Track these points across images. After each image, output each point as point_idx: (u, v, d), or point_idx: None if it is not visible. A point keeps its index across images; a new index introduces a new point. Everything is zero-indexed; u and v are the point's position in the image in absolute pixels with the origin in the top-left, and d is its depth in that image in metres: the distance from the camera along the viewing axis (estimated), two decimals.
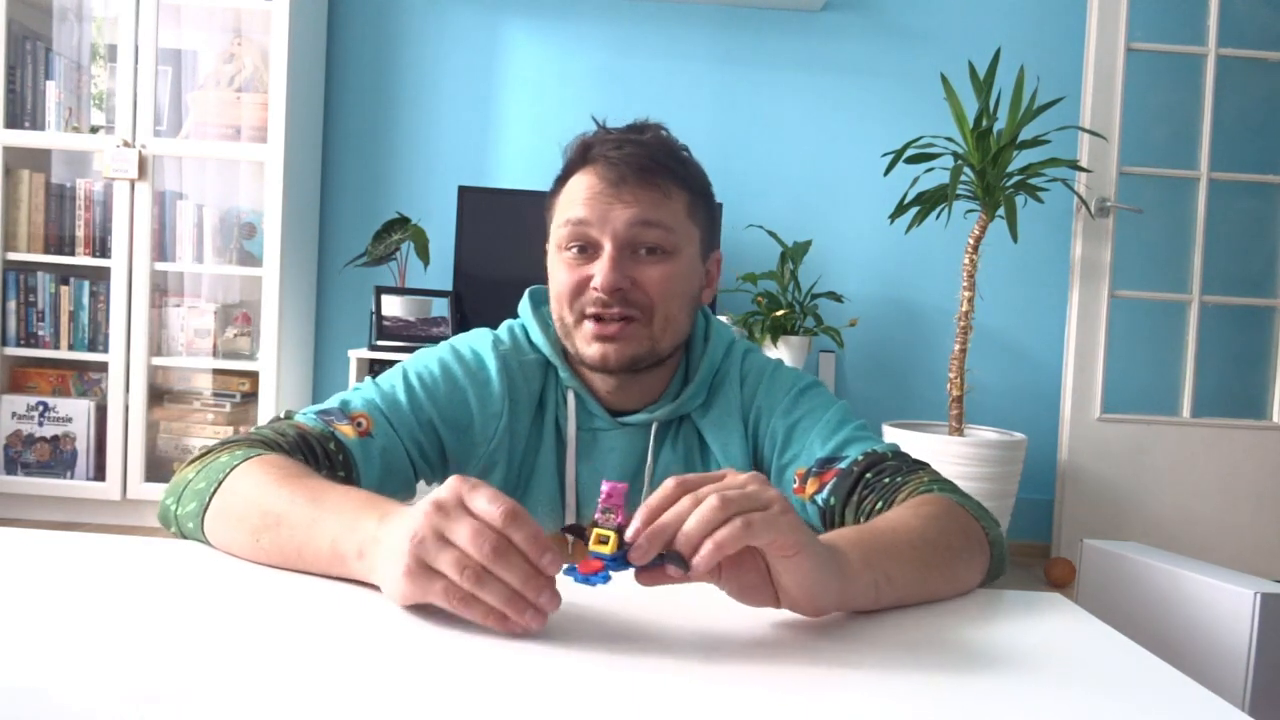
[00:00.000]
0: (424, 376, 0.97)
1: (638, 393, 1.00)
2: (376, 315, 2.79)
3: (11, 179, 2.81)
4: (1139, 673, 0.61)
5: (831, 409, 0.98)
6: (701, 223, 0.98)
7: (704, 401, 1.01)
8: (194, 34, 2.97)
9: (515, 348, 1.01)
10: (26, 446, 2.83)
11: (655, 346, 0.94)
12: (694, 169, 0.98)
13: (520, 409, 0.99)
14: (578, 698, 0.52)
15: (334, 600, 0.65)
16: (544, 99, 3.09)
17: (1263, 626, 1.14)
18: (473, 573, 0.56)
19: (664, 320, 0.93)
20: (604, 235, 0.91)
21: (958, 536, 0.77)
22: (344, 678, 0.52)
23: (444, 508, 0.58)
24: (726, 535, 0.57)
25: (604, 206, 0.91)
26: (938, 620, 0.70)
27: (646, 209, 0.91)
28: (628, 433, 1.00)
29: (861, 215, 3.10)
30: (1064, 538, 2.97)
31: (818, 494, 0.92)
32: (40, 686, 0.49)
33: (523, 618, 0.57)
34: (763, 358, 1.05)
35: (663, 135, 0.97)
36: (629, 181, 0.91)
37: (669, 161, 0.94)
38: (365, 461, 0.89)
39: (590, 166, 0.93)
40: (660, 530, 0.58)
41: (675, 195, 0.94)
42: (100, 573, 0.69)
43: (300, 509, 0.70)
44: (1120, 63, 2.94)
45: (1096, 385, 2.99)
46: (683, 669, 0.56)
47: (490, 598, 0.57)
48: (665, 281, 0.93)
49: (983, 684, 0.57)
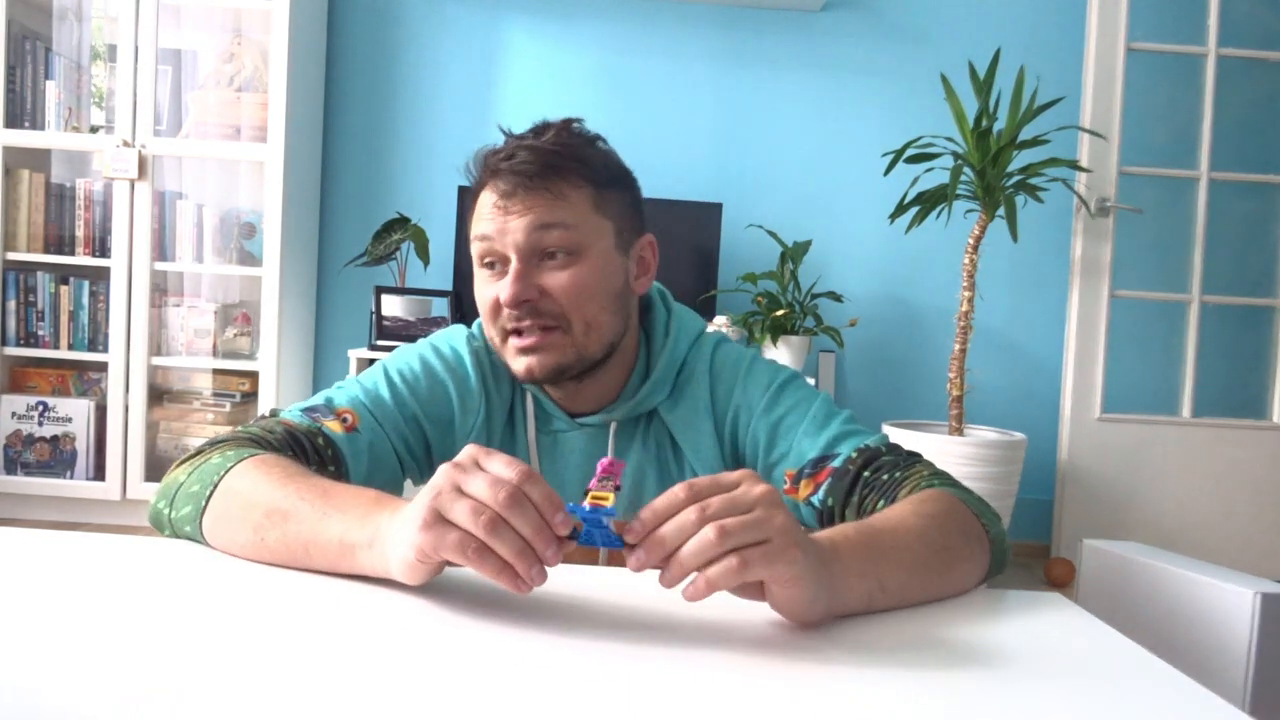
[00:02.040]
0: (405, 373, 0.97)
1: (592, 395, 0.98)
2: (376, 315, 2.79)
3: (11, 179, 2.81)
4: (1139, 672, 0.61)
5: (815, 403, 0.95)
6: (614, 213, 0.94)
7: (670, 397, 0.99)
8: (194, 34, 2.97)
9: (487, 345, 1.00)
10: (26, 446, 2.83)
11: (582, 353, 0.92)
12: (598, 160, 0.93)
13: (494, 406, 0.99)
14: (577, 697, 0.52)
15: (335, 599, 0.65)
16: (544, 99, 3.09)
17: (1263, 626, 1.14)
18: (488, 519, 0.57)
19: (584, 325, 0.91)
20: (507, 249, 0.89)
21: (958, 537, 0.77)
22: (345, 676, 0.53)
23: (462, 465, 0.61)
24: (719, 573, 0.57)
25: (502, 220, 0.89)
26: (937, 619, 0.70)
27: (541, 214, 0.89)
28: (587, 434, 0.99)
29: (861, 215, 3.10)
30: (1064, 538, 2.97)
31: (813, 496, 0.91)
32: (40, 686, 0.49)
33: (530, 572, 0.58)
34: (735, 351, 1.01)
35: (568, 131, 0.93)
36: (521, 191, 0.89)
37: (562, 161, 0.90)
38: (353, 456, 0.90)
39: (489, 181, 0.92)
40: (659, 545, 0.58)
41: (573, 194, 0.90)
42: (100, 573, 0.69)
43: (309, 505, 0.70)
44: (1120, 63, 2.94)
45: (1096, 385, 2.99)
46: (678, 665, 0.56)
47: (503, 547, 0.57)
48: (574, 285, 0.90)
49: (982, 684, 0.57)
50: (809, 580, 0.60)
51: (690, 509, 0.58)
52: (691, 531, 0.58)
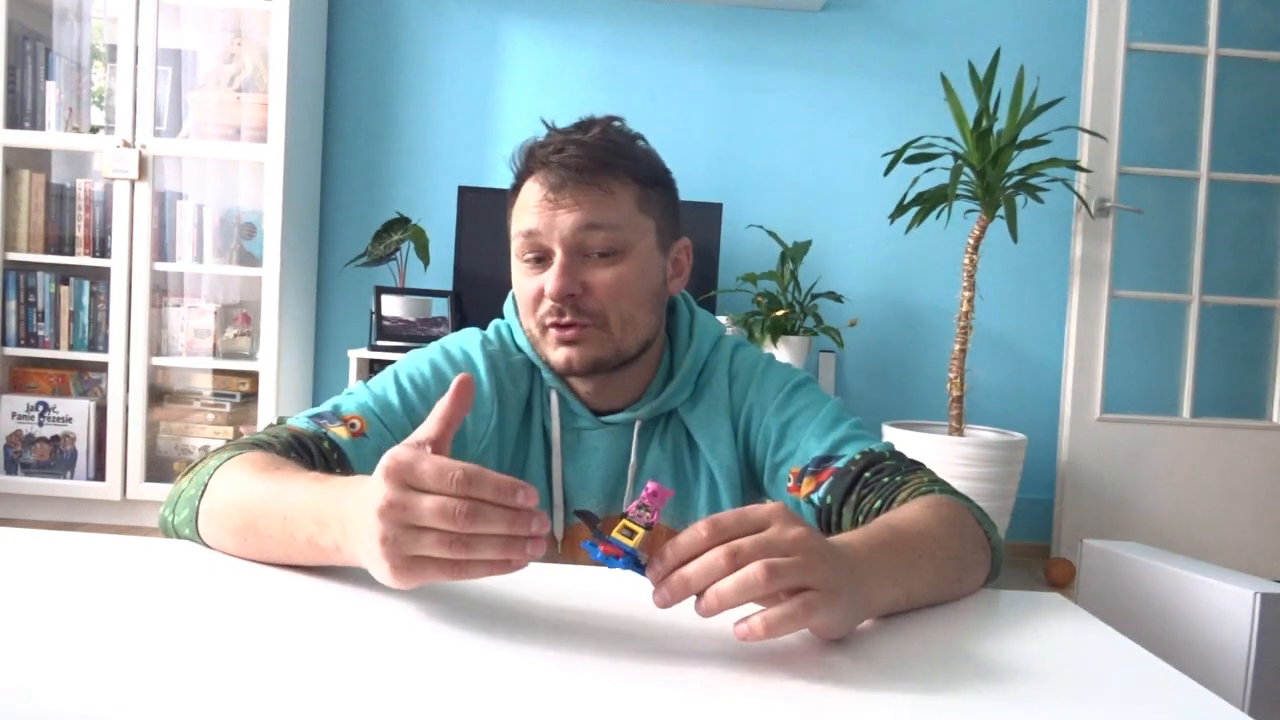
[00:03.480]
0: (415, 378, 0.97)
1: (618, 392, 0.99)
2: (376, 315, 2.79)
3: (11, 179, 2.81)
4: (1139, 673, 0.61)
5: (825, 406, 0.97)
6: (656, 213, 0.96)
7: (690, 397, 1.01)
8: (194, 34, 2.97)
9: (503, 348, 1.01)
10: (26, 446, 2.83)
11: (618, 348, 0.94)
12: (644, 159, 0.96)
13: (508, 410, 0.99)
14: (577, 696, 0.52)
15: (335, 599, 0.65)
16: (544, 99, 3.09)
17: (1263, 626, 1.14)
18: (460, 544, 0.55)
19: (621, 322, 0.93)
20: (553, 242, 0.91)
21: (969, 543, 0.78)
22: (345, 676, 0.53)
23: (395, 503, 0.56)
24: (779, 620, 0.56)
25: (550, 214, 0.91)
26: (937, 620, 0.70)
27: (589, 211, 0.90)
28: (611, 432, 1.00)
29: (861, 215, 3.10)
30: (1064, 538, 2.97)
31: (813, 493, 0.92)
32: (40, 686, 0.49)
33: (524, 554, 0.56)
34: (754, 353, 1.04)
35: (612, 129, 0.95)
36: (570, 185, 0.91)
37: (611, 157, 0.92)
38: (359, 460, 0.89)
39: (535, 173, 0.94)
40: (683, 585, 0.57)
41: (621, 191, 0.92)
42: (100, 573, 0.69)
43: (271, 509, 0.69)
44: (1120, 63, 2.94)
45: (1096, 385, 2.99)
46: (682, 669, 0.56)
47: (486, 554, 0.55)
48: (616, 283, 0.92)
49: (982, 684, 0.57)
50: (849, 616, 0.61)
51: (718, 551, 0.57)
52: (719, 573, 0.56)
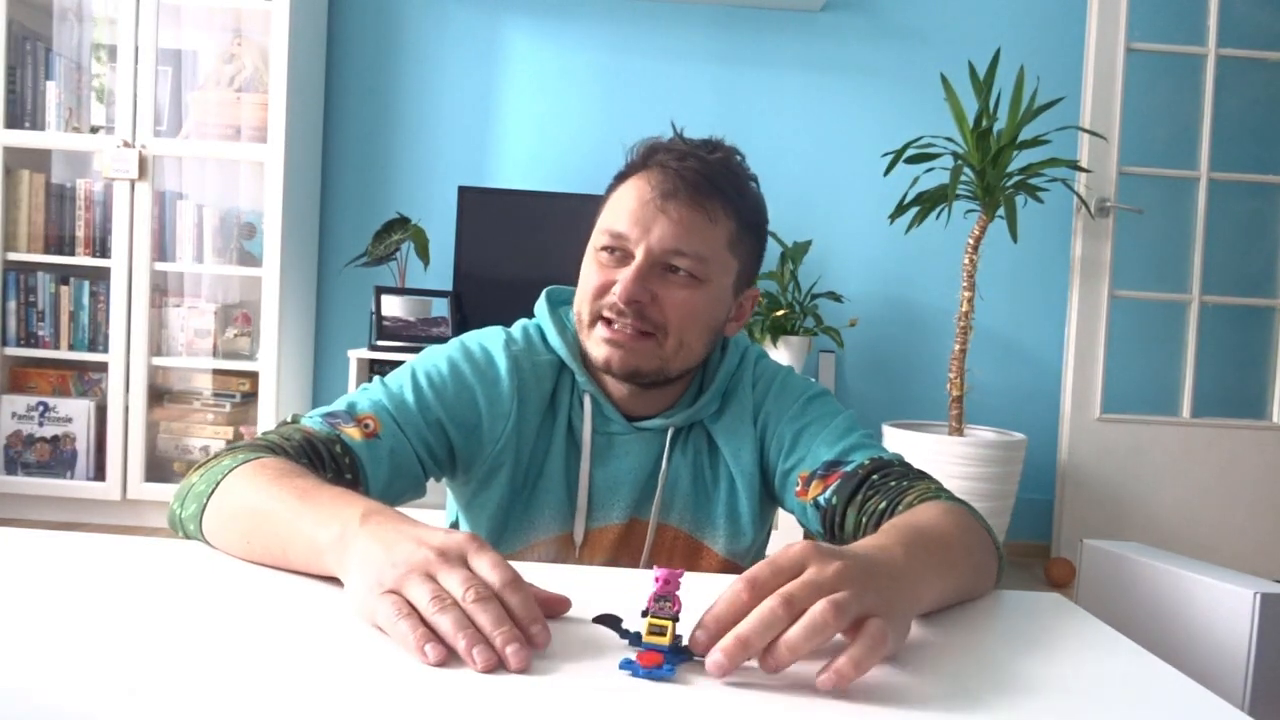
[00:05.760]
0: (432, 375, 0.96)
1: (653, 400, 1.00)
2: (376, 315, 2.79)
3: (11, 179, 2.81)
4: (1139, 673, 0.61)
5: (839, 417, 0.99)
6: (743, 255, 0.97)
7: (718, 407, 1.02)
8: (194, 34, 2.97)
9: (529, 348, 1.00)
10: (26, 446, 2.83)
11: (664, 366, 0.94)
12: (751, 200, 0.98)
13: (529, 410, 0.98)
14: (579, 696, 0.52)
15: (335, 599, 0.65)
16: (544, 99, 3.09)
17: (1263, 626, 1.14)
18: (441, 604, 0.55)
19: (678, 344, 0.93)
20: (638, 246, 0.91)
21: (983, 547, 0.80)
22: (343, 677, 0.53)
23: (445, 553, 0.58)
24: (865, 654, 0.54)
25: (648, 218, 0.91)
26: (938, 620, 0.70)
27: (685, 232, 0.91)
28: (643, 437, 1.00)
29: (861, 215, 3.10)
30: (1064, 538, 2.97)
31: (820, 495, 0.93)
32: (40, 686, 0.49)
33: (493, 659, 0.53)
34: (773, 364, 1.06)
35: (734, 160, 0.97)
36: (679, 196, 0.91)
37: (725, 185, 0.93)
38: (372, 463, 0.88)
39: (648, 170, 0.94)
40: (745, 645, 0.53)
41: (721, 221, 0.93)
42: (100, 573, 0.69)
43: (285, 507, 0.69)
44: (1120, 63, 2.94)
45: (1096, 385, 2.99)
46: (688, 668, 0.56)
47: (448, 626, 0.54)
48: (686, 306, 0.92)
49: (982, 684, 0.57)
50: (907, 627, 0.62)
51: (769, 603, 0.55)
52: (781, 624, 0.54)
